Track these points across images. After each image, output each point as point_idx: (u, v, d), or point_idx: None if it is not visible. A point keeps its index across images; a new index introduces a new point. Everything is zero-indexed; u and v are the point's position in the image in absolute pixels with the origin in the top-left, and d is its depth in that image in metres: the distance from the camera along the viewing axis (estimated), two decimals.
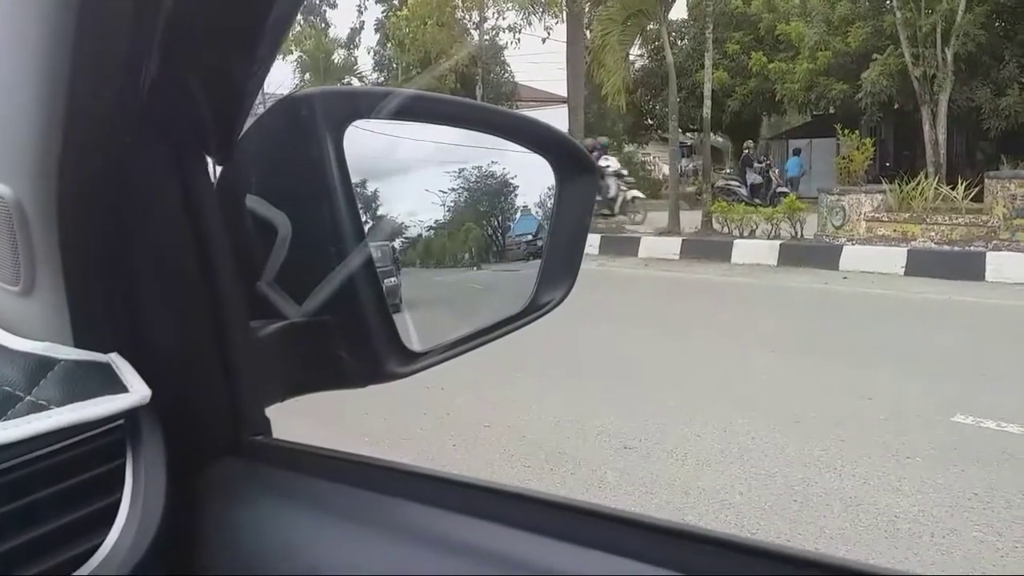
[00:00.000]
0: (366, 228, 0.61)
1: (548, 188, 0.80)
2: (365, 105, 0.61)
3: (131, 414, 0.48)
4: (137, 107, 0.48)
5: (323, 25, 30.11)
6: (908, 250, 10.58)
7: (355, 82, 26.99)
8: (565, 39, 18.91)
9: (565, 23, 19.60)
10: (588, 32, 18.28)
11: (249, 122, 0.57)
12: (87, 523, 0.45)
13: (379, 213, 0.67)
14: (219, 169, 0.58)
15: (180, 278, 0.53)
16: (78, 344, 0.50)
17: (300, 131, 0.57)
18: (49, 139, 0.46)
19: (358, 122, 0.60)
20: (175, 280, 0.52)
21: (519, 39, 24.08)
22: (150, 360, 0.51)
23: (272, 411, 0.60)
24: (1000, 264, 9.52)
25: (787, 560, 0.35)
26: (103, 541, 0.45)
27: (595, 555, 0.39)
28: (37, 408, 0.46)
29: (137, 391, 0.48)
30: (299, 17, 28.08)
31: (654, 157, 30.76)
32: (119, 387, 0.48)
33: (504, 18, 23.58)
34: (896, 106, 17.75)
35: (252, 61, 0.50)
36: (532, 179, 0.81)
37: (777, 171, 18.74)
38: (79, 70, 0.44)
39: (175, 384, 0.52)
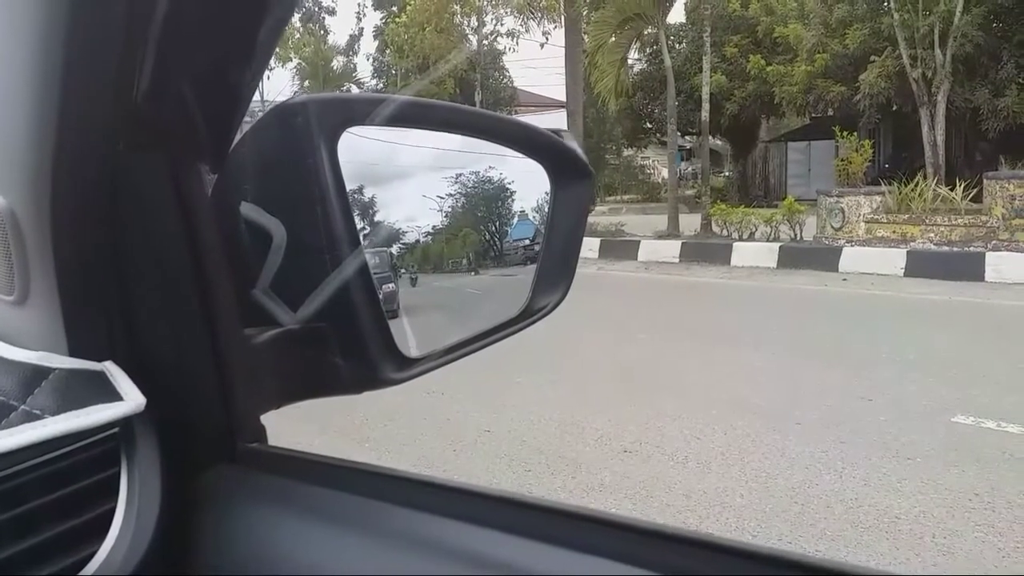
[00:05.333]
0: (363, 234, 0.61)
1: (545, 193, 0.80)
2: (359, 112, 0.61)
3: (126, 422, 0.48)
4: (131, 114, 0.48)
5: (322, 32, 30.18)
6: (907, 251, 10.60)
7: (354, 89, 27.04)
8: (563, 44, 18.93)
9: (563, 28, 19.64)
10: (586, 37, 18.32)
11: (243, 129, 0.57)
12: (82, 531, 0.45)
13: (376, 219, 0.67)
14: (214, 177, 0.58)
15: (174, 286, 0.53)
16: (73, 353, 0.50)
17: (294, 138, 0.57)
18: (42, 148, 0.46)
19: (352, 129, 0.60)
20: (169, 288, 0.52)
21: (517, 44, 24.12)
22: (144, 368, 0.51)
23: (272, 418, 0.60)
24: (999, 264, 9.54)
25: (774, 562, 0.35)
26: (98, 549, 0.45)
27: (588, 559, 0.39)
28: (32, 417, 0.46)
29: (132, 399, 0.48)
30: (298, 24, 28.17)
31: (653, 160, 30.83)
32: (114, 395, 0.48)
33: (502, 23, 23.65)
34: (894, 108, 17.75)
35: (246, 68, 0.51)
36: (529, 184, 0.81)
37: None
38: (72, 78, 0.45)
39: (170, 392, 0.52)
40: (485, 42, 23.88)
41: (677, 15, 21.85)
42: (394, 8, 25.97)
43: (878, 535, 2.83)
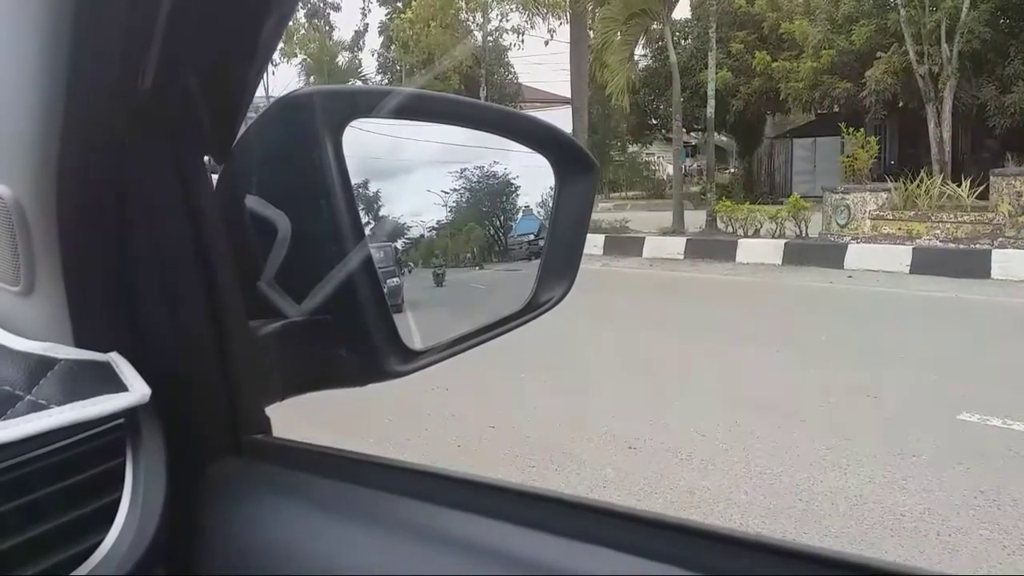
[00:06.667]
0: (367, 228, 0.61)
1: (549, 188, 0.80)
2: (364, 104, 0.61)
3: (131, 413, 0.48)
4: (136, 107, 0.48)
5: (327, 28, 30.21)
6: (913, 248, 10.56)
7: (358, 84, 27.04)
8: (568, 40, 18.89)
9: (568, 24, 19.60)
10: (591, 33, 18.28)
11: (248, 121, 0.57)
12: (87, 522, 0.45)
13: (381, 213, 0.67)
14: (219, 169, 0.58)
15: (180, 277, 0.53)
16: (78, 343, 0.50)
17: (299, 130, 0.57)
18: (49, 139, 0.47)
19: (357, 121, 0.60)
20: (175, 279, 0.53)
21: (523, 40, 24.13)
22: (150, 359, 0.51)
23: (276, 411, 0.60)
24: (1006, 261, 9.50)
25: (793, 556, 0.35)
26: (103, 540, 0.45)
27: (597, 551, 0.38)
28: (37, 407, 0.46)
29: (137, 390, 0.48)
30: (303, 20, 28.20)
31: (658, 157, 30.76)
32: (119, 386, 0.48)
33: (508, 19, 23.64)
34: (901, 104, 17.69)
35: (250, 61, 0.51)
36: (534, 179, 0.81)
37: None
38: (78, 71, 0.45)
39: (175, 383, 0.52)
40: (490, 38, 23.87)
41: (683, 11, 21.80)
42: (399, 4, 25.97)
43: (883, 533, 2.83)
